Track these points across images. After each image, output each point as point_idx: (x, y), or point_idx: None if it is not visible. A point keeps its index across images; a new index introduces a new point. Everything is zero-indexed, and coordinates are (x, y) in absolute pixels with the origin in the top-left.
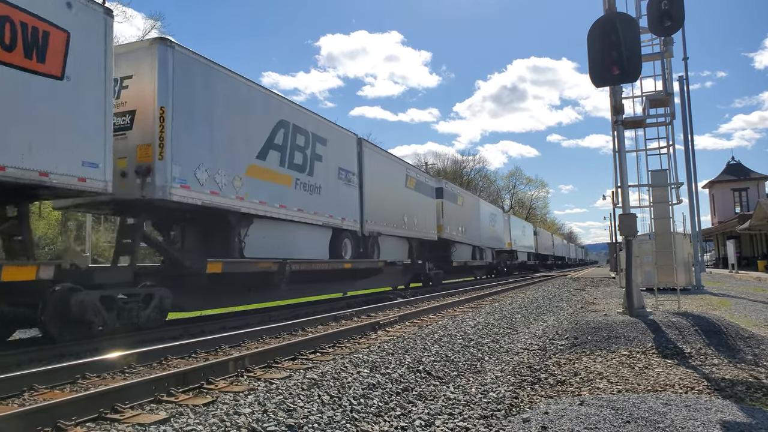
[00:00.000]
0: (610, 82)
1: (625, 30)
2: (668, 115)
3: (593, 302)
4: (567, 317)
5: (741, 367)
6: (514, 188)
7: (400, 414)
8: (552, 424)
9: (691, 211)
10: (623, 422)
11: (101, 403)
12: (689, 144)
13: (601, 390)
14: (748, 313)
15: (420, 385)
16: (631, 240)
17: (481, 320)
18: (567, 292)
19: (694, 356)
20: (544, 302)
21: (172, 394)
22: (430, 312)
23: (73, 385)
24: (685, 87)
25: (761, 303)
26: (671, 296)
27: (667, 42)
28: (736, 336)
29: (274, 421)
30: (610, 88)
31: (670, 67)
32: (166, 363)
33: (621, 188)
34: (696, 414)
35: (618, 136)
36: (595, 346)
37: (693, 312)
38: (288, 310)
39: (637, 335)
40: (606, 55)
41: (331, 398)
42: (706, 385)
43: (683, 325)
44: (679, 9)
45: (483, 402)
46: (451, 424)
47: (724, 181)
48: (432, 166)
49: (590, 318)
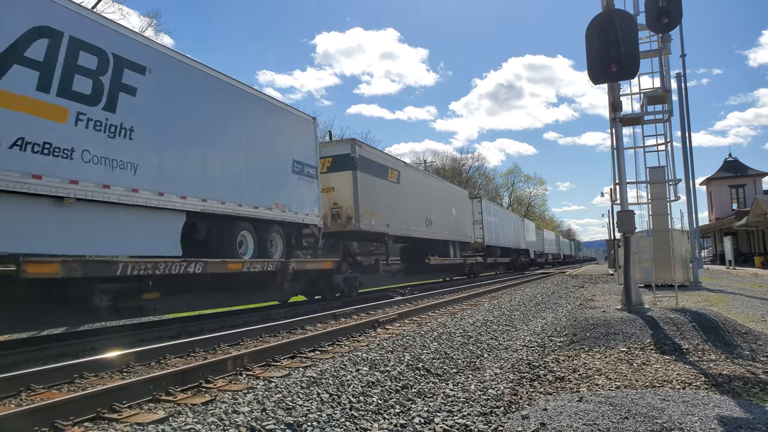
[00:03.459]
0: (609, 80)
1: (624, 27)
2: (666, 112)
3: (592, 299)
4: (565, 314)
5: (738, 362)
6: (512, 186)
7: (399, 411)
8: (551, 421)
9: (688, 207)
10: (622, 418)
11: (99, 402)
12: (687, 141)
13: (599, 386)
14: (746, 309)
15: (419, 383)
16: (629, 237)
17: (480, 317)
18: (565, 289)
19: (691, 352)
20: (542, 299)
21: (170, 393)
22: (430, 309)
23: (70, 384)
24: (682, 84)
25: (758, 299)
26: (669, 292)
27: (665, 39)
28: (734, 332)
29: (273, 419)
30: (608, 85)
31: (668, 64)
32: (164, 362)
33: (619, 185)
34: (694, 409)
35: (616, 133)
36: (593, 343)
37: (691, 308)
38: (287, 308)
39: (636, 331)
40: (604, 52)
41: (330, 396)
42: (703, 380)
43: (681, 321)
44: (676, 6)
45: (482, 399)
46: (450, 422)
47: (722, 178)
48: (431, 164)
49: (588, 315)
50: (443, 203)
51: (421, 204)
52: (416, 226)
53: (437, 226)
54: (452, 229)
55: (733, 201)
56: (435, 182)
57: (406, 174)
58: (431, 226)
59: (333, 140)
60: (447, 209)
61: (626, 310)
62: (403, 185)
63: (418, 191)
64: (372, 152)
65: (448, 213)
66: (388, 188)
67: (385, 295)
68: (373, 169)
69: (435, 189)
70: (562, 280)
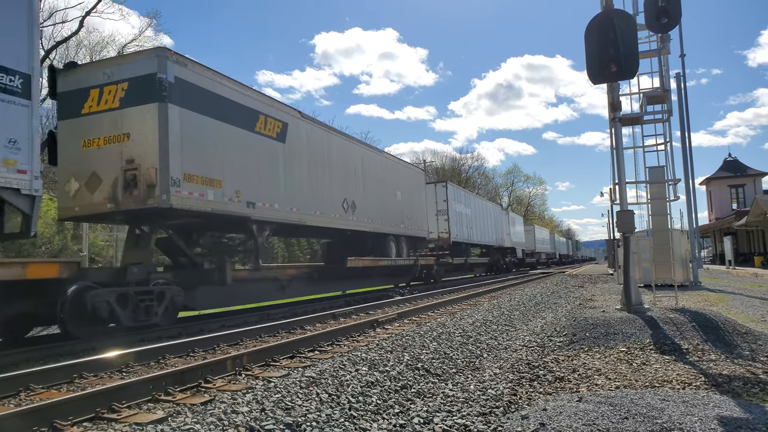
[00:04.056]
0: (608, 79)
1: (623, 27)
2: (665, 111)
3: (591, 299)
4: (565, 314)
5: (738, 362)
6: (512, 186)
7: (398, 412)
8: (550, 421)
9: (688, 207)
10: (621, 418)
11: (98, 402)
12: (686, 141)
13: (599, 386)
14: (745, 309)
15: (419, 383)
16: (629, 237)
17: (479, 317)
18: (565, 289)
19: (691, 352)
20: (542, 299)
21: (169, 393)
22: (429, 309)
23: (70, 384)
24: (682, 84)
25: (758, 299)
26: (669, 292)
27: (664, 39)
28: (734, 332)
29: (272, 419)
30: (607, 85)
31: (667, 64)
32: (163, 362)
33: (618, 185)
34: (693, 410)
35: (615, 133)
36: (593, 343)
37: (690, 308)
38: (287, 308)
39: (635, 331)
40: (603, 52)
41: (329, 396)
42: (703, 380)
43: (681, 321)
44: (675, 6)
45: (481, 399)
46: (449, 422)
47: (721, 178)
48: (430, 163)
49: (588, 314)
50: (379, 183)
51: (334, 179)
52: (321, 211)
53: (366, 213)
54: (395, 219)
55: (733, 201)
56: (363, 151)
57: (298, 130)
58: (354, 214)
59: (127, 53)
60: (386, 191)
61: (626, 310)
62: (292, 146)
63: (326, 159)
64: (214, 78)
65: (387, 196)
66: (258, 146)
67: (384, 294)
68: (213, 108)
69: (363, 161)
70: (561, 280)
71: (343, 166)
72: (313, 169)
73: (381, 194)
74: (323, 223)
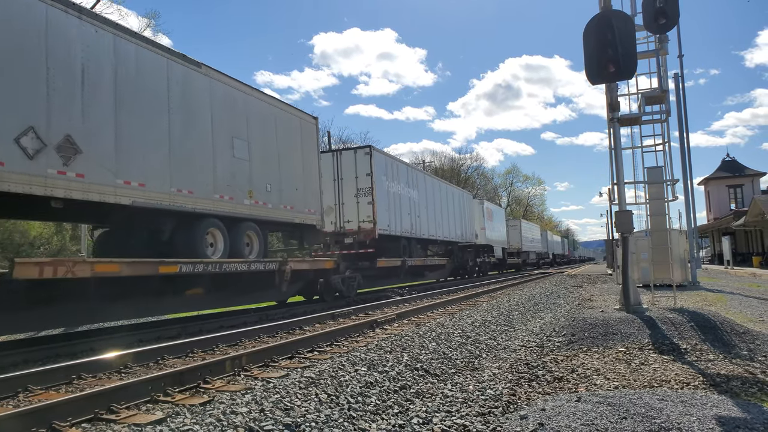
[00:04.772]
0: (606, 80)
1: (621, 27)
2: (663, 112)
3: (590, 299)
4: (564, 314)
5: (736, 362)
6: (511, 186)
7: (397, 412)
8: (549, 421)
9: (686, 207)
10: (620, 418)
11: (97, 403)
12: (684, 141)
13: (598, 386)
14: (744, 309)
15: (418, 383)
16: (628, 237)
17: (478, 317)
18: (564, 289)
19: (690, 352)
20: (541, 299)
21: (168, 393)
22: (428, 310)
23: (68, 385)
24: (680, 84)
25: (756, 299)
26: (667, 292)
27: (662, 40)
28: (732, 332)
29: (271, 420)
30: (606, 85)
31: (665, 65)
32: (162, 363)
33: (617, 185)
34: (692, 409)
35: (614, 134)
36: (592, 343)
37: (689, 308)
38: (286, 308)
39: (634, 331)
40: (602, 53)
41: (328, 397)
42: (702, 380)
43: (679, 321)
44: (674, 7)
45: (480, 399)
46: (448, 422)
47: (719, 178)
48: (429, 164)
49: (587, 315)
50: (192, 124)
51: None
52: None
53: (126, 168)
54: (236, 194)
55: (731, 201)
56: (146, 56)
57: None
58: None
59: None
60: (215, 143)
61: (624, 310)
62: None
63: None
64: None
65: (219, 153)
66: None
67: (384, 295)
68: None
69: (146, 81)
70: (560, 280)
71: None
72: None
73: (206, 149)
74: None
